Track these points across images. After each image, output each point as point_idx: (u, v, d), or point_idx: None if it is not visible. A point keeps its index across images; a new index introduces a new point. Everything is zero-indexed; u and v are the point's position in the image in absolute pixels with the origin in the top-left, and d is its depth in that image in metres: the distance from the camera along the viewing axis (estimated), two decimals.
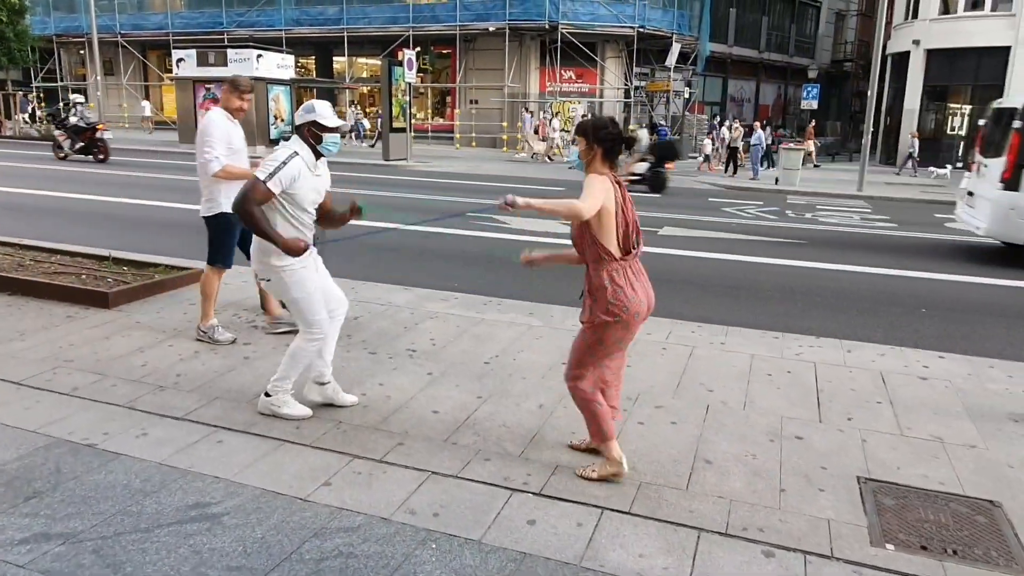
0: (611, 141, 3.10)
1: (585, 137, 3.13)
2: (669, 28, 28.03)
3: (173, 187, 14.03)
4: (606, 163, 3.13)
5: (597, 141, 3.10)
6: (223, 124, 4.70)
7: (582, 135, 3.15)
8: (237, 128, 4.81)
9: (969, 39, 24.42)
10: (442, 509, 2.99)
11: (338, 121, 3.65)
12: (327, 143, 3.63)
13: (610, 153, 3.12)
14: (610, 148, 3.11)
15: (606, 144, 3.10)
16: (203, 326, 4.90)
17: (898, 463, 3.51)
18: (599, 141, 3.10)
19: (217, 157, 4.63)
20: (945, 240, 10.99)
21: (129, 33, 32.32)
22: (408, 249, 8.52)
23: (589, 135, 3.12)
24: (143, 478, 3.14)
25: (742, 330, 5.55)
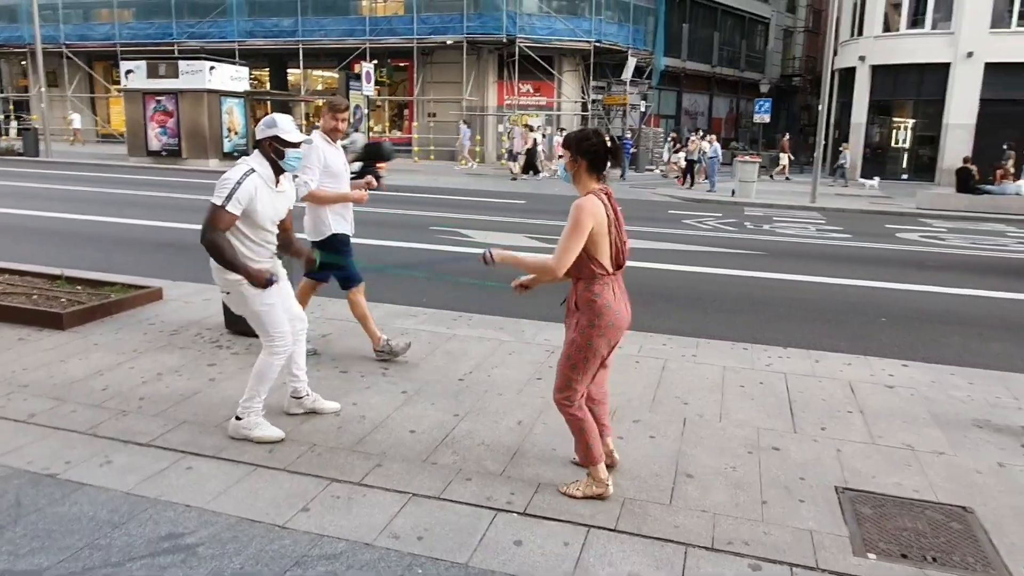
0: (595, 152, 3.09)
1: (569, 150, 3.12)
2: (625, 43, 28.44)
3: (125, 202, 13.63)
4: (592, 174, 3.12)
5: (581, 153, 3.09)
6: (320, 147, 4.59)
7: (566, 148, 3.14)
8: (336, 151, 4.72)
9: (911, 56, 25.37)
10: (426, 532, 2.92)
11: (300, 136, 3.57)
12: (289, 158, 3.55)
13: (595, 164, 3.11)
14: (594, 159, 3.10)
15: (589, 156, 3.09)
16: (377, 347, 4.90)
17: (873, 472, 3.56)
18: (583, 153, 3.09)
19: (306, 182, 4.52)
20: (898, 250, 11.32)
21: (74, 44, 31.39)
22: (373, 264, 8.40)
23: (573, 148, 3.11)
24: (110, 509, 3.00)
25: (712, 342, 5.61)
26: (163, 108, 22.72)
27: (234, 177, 3.39)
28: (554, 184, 20.29)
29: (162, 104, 22.62)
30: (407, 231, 10.97)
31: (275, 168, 3.54)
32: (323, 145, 4.63)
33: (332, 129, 4.67)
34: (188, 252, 8.80)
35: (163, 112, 22.76)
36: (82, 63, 32.03)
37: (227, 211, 3.36)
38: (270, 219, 3.57)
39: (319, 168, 4.57)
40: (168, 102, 22.53)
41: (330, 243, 4.75)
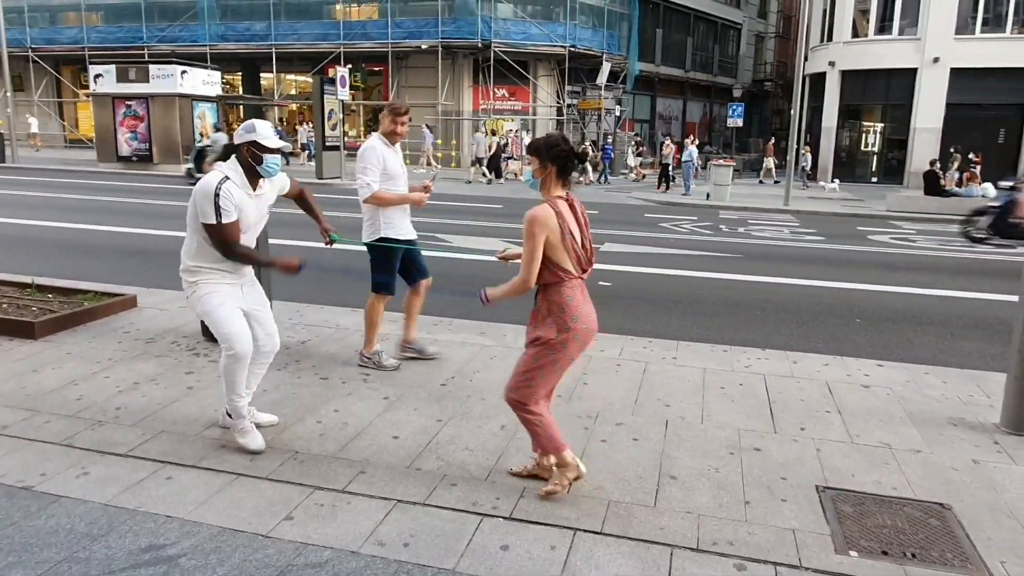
0: (564, 159, 3.10)
1: (538, 156, 3.11)
2: (599, 48, 28.63)
3: (95, 208, 13.40)
4: (559, 181, 3.13)
5: (551, 160, 3.09)
6: (379, 150, 4.61)
7: (535, 154, 3.13)
8: (395, 153, 4.73)
9: (879, 61, 25.86)
10: (412, 539, 2.90)
11: (279, 143, 3.50)
12: (268, 164, 3.47)
13: (564, 171, 3.12)
14: (563, 166, 3.11)
15: (559, 162, 3.10)
16: (366, 352, 4.89)
17: (852, 470, 3.61)
18: (553, 160, 3.09)
19: (368, 184, 4.56)
20: (870, 252, 11.52)
21: (41, 47, 30.82)
22: (353, 270, 8.35)
23: (543, 154, 3.10)
24: (88, 521, 2.94)
25: (692, 344, 5.65)
26: (133, 113, 22.38)
27: (210, 190, 3.32)
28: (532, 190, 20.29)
29: (132, 109, 22.28)
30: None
31: (252, 173, 3.48)
32: (382, 147, 4.64)
33: (391, 132, 4.69)
34: (161, 259, 8.66)
35: (133, 117, 22.43)
36: (49, 67, 31.45)
37: (225, 224, 3.34)
38: (249, 225, 3.51)
39: (379, 170, 4.60)
40: (138, 107, 22.20)
41: (374, 246, 4.77)
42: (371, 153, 4.60)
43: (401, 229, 4.78)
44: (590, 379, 4.80)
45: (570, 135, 26.87)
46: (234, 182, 3.40)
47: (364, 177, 4.58)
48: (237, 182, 3.42)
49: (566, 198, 3.12)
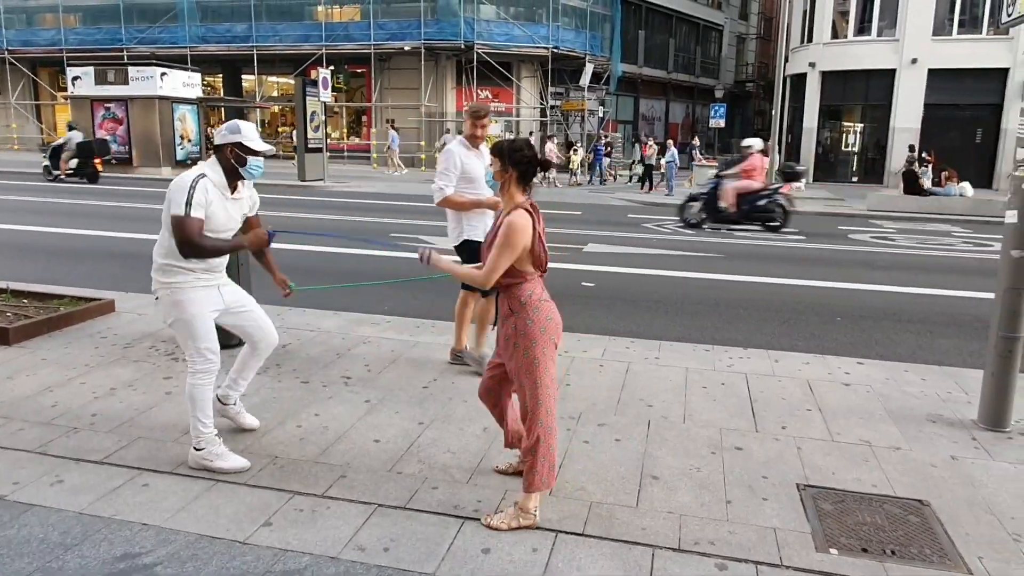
0: (526, 164, 3.07)
1: (500, 159, 3.09)
2: (582, 49, 28.71)
3: (73, 212, 13.23)
4: (520, 186, 3.09)
5: (513, 164, 3.05)
6: (457, 154, 4.63)
7: (498, 156, 3.11)
8: (477, 157, 4.71)
9: (859, 62, 26.13)
10: (392, 543, 2.88)
11: (264, 145, 3.44)
12: (251, 166, 3.41)
13: (525, 176, 3.08)
14: (525, 171, 3.08)
15: (521, 167, 3.06)
16: (456, 348, 4.97)
17: (833, 468, 3.63)
18: (514, 164, 3.05)
19: (441, 188, 4.60)
20: (851, 251, 11.61)
21: (17, 49, 30.42)
22: (335, 272, 8.30)
23: (505, 158, 3.07)
24: (62, 530, 2.88)
25: (674, 344, 5.66)
26: (112, 115, 22.17)
27: (186, 183, 3.27)
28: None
29: (111, 111, 22.08)
30: (367, 237, 10.87)
31: (233, 175, 3.41)
32: (461, 151, 4.66)
33: (471, 135, 4.70)
34: (141, 263, 8.54)
35: (112, 119, 22.22)
36: (26, 69, 31.04)
37: (192, 218, 3.23)
38: (224, 227, 3.43)
39: (456, 174, 4.61)
40: (118, 109, 22.00)
41: (463, 248, 4.78)
42: (449, 157, 4.63)
43: (482, 231, 4.73)
44: (572, 380, 4.79)
45: (558, 136, 26.93)
46: (211, 180, 3.34)
47: (438, 181, 4.61)
48: (215, 181, 3.35)
49: (528, 205, 3.08)
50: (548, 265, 3.16)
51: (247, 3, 27.81)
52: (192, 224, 3.23)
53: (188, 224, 3.22)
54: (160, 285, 3.39)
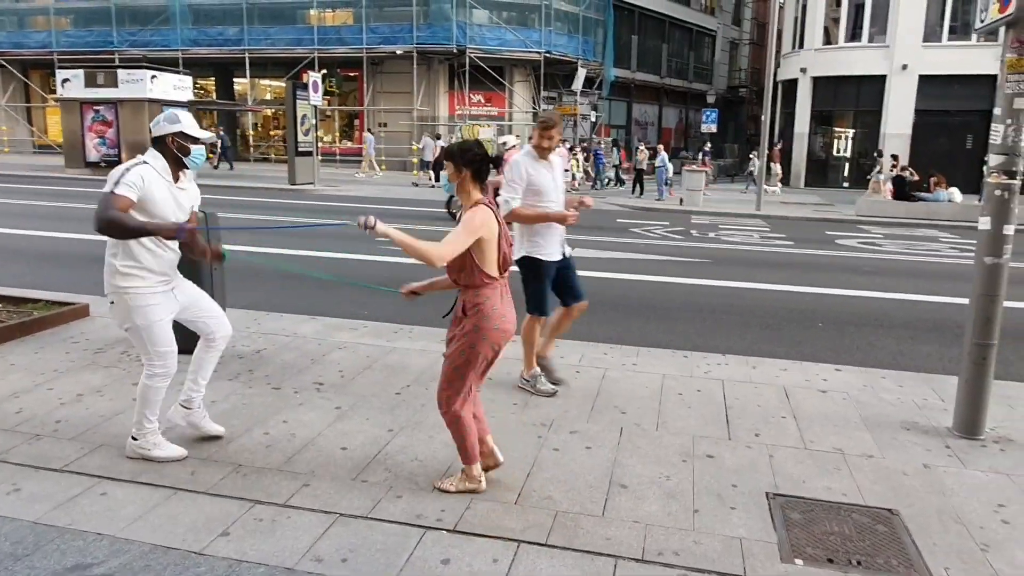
0: (478, 163, 3.17)
1: (452, 160, 3.19)
2: (574, 54, 28.73)
3: (58, 215, 13.15)
4: (476, 184, 3.20)
5: (465, 164, 3.16)
6: (522, 165, 4.40)
7: (449, 159, 3.20)
8: (546, 168, 4.46)
9: (850, 68, 26.20)
10: (351, 554, 2.83)
11: (204, 133, 3.50)
12: (195, 155, 3.46)
13: (478, 175, 3.19)
14: (478, 169, 3.18)
15: (473, 166, 3.16)
16: (526, 374, 4.67)
17: (803, 476, 3.60)
18: (467, 164, 3.16)
19: (507, 200, 4.36)
20: (837, 256, 11.61)
21: (8, 52, 30.29)
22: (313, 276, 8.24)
23: (456, 158, 3.18)
24: (14, 540, 2.83)
25: (652, 350, 5.63)
26: (102, 118, 22.04)
27: (122, 168, 3.30)
28: None
29: (101, 114, 21.95)
30: (350, 242, 10.82)
31: (176, 164, 3.43)
32: (527, 162, 4.43)
33: (539, 146, 4.45)
34: None
35: (102, 122, 22.08)
36: (17, 71, 30.91)
37: (116, 194, 3.18)
38: (172, 214, 3.39)
39: (522, 186, 4.38)
40: (107, 112, 21.87)
41: (522, 263, 4.54)
42: (514, 168, 4.41)
43: (548, 248, 4.54)
44: None
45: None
46: (153, 168, 3.34)
47: (504, 193, 4.38)
48: (157, 168, 3.36)
49: (487, 203, 3.17)
50: (510, 267, 3.27)
51: (239, 6, 27.75)
52: (116, 200, 3.17)
53: (111, 199, 3.17)
54: (115, 289, 3.37)
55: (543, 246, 4.53)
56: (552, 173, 4.51)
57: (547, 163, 4.50)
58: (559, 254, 4.60)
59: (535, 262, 4.53)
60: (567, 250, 4.69)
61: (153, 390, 3.46)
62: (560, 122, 4.56)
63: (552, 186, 4.49)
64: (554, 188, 4.51)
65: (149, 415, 3.47)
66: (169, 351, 3.44)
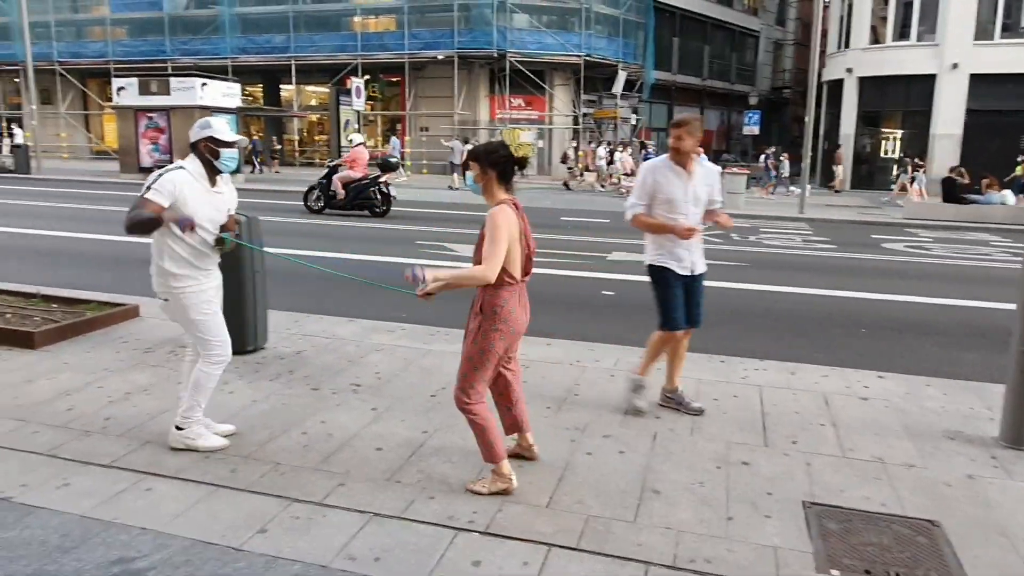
0: (503, 164, 3.19)
1: (478, 162, 3.21)
2: (615, 57, 28.61)
3: (112, 219, 13.58)
4: (502, 186, 3.22)
5: (490, 165, 3.19)
6: (650, 170, 4.19)
7: (475, 160, 3.22)
8: (677, 176, 4.12)
9: (898, 67, 25.55)
10: (384, 553, 2.88)
11: (235, 136, 3.64)
12: (224, 159, 3.59)
13: (504, 176, 3.22)
14: (503, 171, 3.20)
15: (499, 167, 3.19)
16: (666, 389, 4.50)
17: (841, 486, 3.53)
18: (492, 165, 3.19)
19: (631, 206, 4.20)
20: (882, 260, 11.33)
21: (67, 61, 31.46)
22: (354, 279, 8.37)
23: (482, 159, 3.20)
24: (62, 533, 2.95)
25: (689, 354, 5.54)
26: (155, 125, 22.75)
27: (156, 173, 3.48)
28: (544, 197, 20.31)
29: (154, 121, 22.66)
30: (392, 245, 10.96)
31: (211, 169, 3.59)
32: (657, 167, 4.18)
33: (674, 149, 4.12)
34: None
35: (155, 128, 22.80)
36: (75, 80, 32.08)
37: (146, 199, 3.38)
38: (207, 218, 3.57)
39: (647, 192, 4.15)
40: (160, 119, 22.57)
41: (649, 272, 4.37)
42: (641, 173, 4.23)
43: (676, 259, 4.25)
44: (582, 390, 4.76)
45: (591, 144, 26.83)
46: (189, 172, 3.52)
47: (628, 199, 4.24)
48: (193, 172, 3.54)
49: (512, 202, 3.20)
50: (532, 269, 3.31)
51: (286, 15, 28.37)
52: (145, 204, 3.38)
53: (141, 203, 3.38)
54: (168, 289, 3.59)
55: (670, 256, 4.25)
56: (687, 184, 4.13)
57: (682, 171, 4.14)
58: (688, 269, 4.29)
59: (661, 271, 4.29)
60: (700, 266, 4.36)
61: (210, 377, 3.68)
62: (693, 122, 4.14)
63: (685, 197, 4.13)
64: (688, 200, 4.14)
65: (201, 402, 3.68)
66: (224, 340, 3.70)
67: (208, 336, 3.64)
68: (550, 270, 9.24)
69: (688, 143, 4.09)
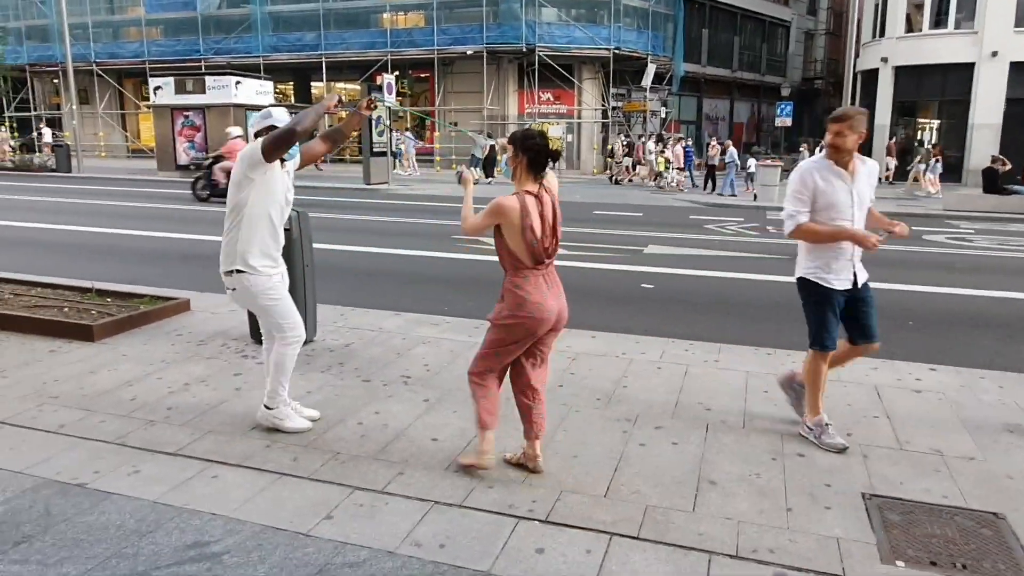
0: (536, 151, 3.29)
1: (514, 145, 3.33)
2: (644, 50, 28.42)
3: (152, 215, 13.88)
4: (531, 172, 3.32)
5: (524, 150, 3.29)
6: (808, 172, 3.72)
7: (512, 143, 3.35)
8: (839, 178, 3.69)
9: (935, 56, 25.01)
10: (448, 540, 2.93)
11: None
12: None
13: (535, 163, 3.31)
14: (534, 158, 3.30)
15: (531, 154, 3.29)
16: (808, 421, 3.93)
17: (900, 478, 3.51)
18: (525, 150, 3.29)
19: (791, 215, 3.72)
20: (925, 252, 11.14)
21: (104, 61, 32.07)
22: (394, 273, 8.47)
23: (518, 144, 3.32)
24: (137, 518, 3.04)
25: (735, 347, 5.56)
26: (191, 123, 23.13)
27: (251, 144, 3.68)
28: (574, 191, 20.28)
29: (190, 119, 23.04)
30: (428, 240, 11.05)
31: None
32: (816, 168, 3.72)
33: (832, 146, 3.68)
34: (214, 263, 8.90)
35: (191, 127, 23.18)
36: (112, 80, 32.71)
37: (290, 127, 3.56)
38: (282, 195, 3.77)
39: (808, 198, 3.69)
40: (195, 117, 22.94)
41: (798, 286, 3.94)
42: (799, 177, 3.73)
43: (832, 272, 3.80)
44: (630, 381, 4.77)
45: (619, 138, 26.68)
46: None
47: (788, 206, 3.74)
48: None
49: (535, 192, 3.29)
50: (548, 259, 3.33)
51: (316, 13, 28.63)
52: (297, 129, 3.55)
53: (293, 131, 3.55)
54: (238, 277, 3.73)
55: (826, 269, 3.80)
56: (851, 185, 3.70)
57: (844, 172, 3.70)
58: (848, 281, 3.83)
59: (814, 286, 3.83)
60: (861, 276, 3.91)
61: (288, 357, 3.82)
62: (856, 115, 3.68)
63: (849, 201, 3.69)
64: (852, 204, 3.70)
65: (284, 381, 3.82)
66: (296, 321, 3.84)
67: (280, 319, 3.78)
68: (588, 263, 9.25)
69: (851, 140, 3.64)
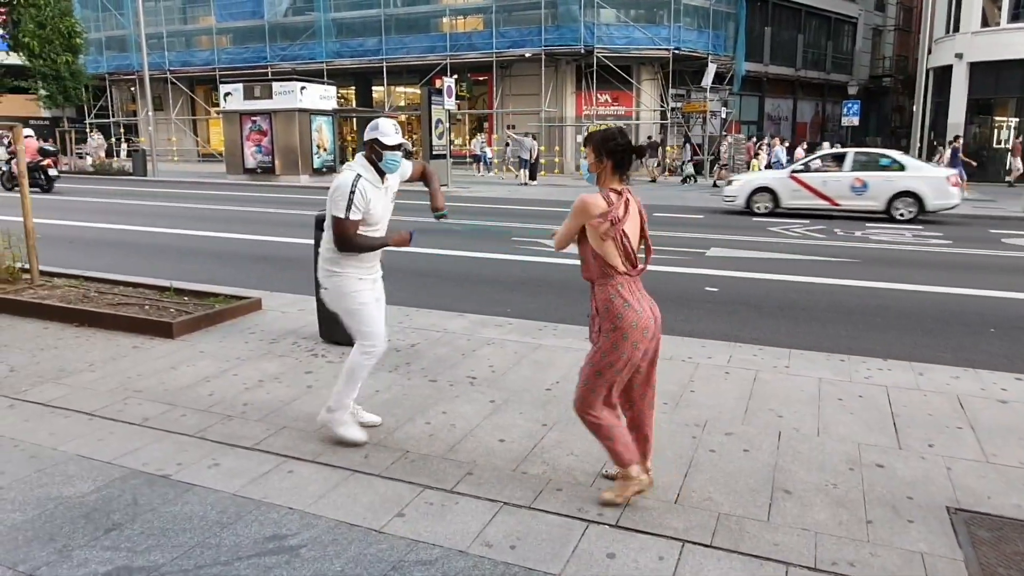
0: (620, 153, 3.04)
1: (594, 149, 3.07)
2: (704, 49, 27.97)
3: (223, 217, 14.35)
4: (616, 175, 3.07)
5: (608, 153, 3.04)
6: None
7: (590, 147, 3.09)
8: None
9: (1013, 51, 23.87)
10: (518, 541, 2.93)
11: (398, 139, 3.72)
12: (387, 160, 3.69)
13: (620, 165, 3.06)
14: (620, 160, 3.05)
15: (616, 156, 3.04)
16: None
17: (988, 492, 3.36)
18: (609, 154, 3.04)
19: None
20: (1005, 257, 10.64)
21: (178, 70, 33.38)
22: (454, 275, 8.54)
23: (599, 148, 3.05)
24: (219, 509, 3.15)
25: (805, 353, 5.41)
26: (258, 128, 23.85)
27: (345, 187, 3.58)
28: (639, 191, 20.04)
29: (257, 124, 23.76)
30: (490, 243, 11.11)
31: (377, 168, 3.71)
32: None
33: None
34: (283, 264, 9.18)
35: (258, 131, 23.90)
36: (184, 87, 34.02)
37: (350, 220, 3.58)
38: (382, 217, 3.77)
39: None
40: (263, 122, 23.65)
41: None
42: None
43: None
44: (697, 386, 4.69)
45: (675, 138, 26.34)
46: (366, 179, 3.64)
47: None
48: (368, 178, 3.66)
49: (621, 192, 3.05)
50: (643, 265, 3.12)
51: (377, 19, 29.18)
52: (349, 225, 3.59)
53: (345, 225, 3.59)
54: (329, 274, 3.76)
55: None
56: None
57: None
58: None
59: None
60: None
61: (361, 367, 3.78)
62: None
63: None
64: None
65: (351, 391, 3.80)
66: (377, 333, 3.79)
67: (361, 327, 3.75)
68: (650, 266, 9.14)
69: None
